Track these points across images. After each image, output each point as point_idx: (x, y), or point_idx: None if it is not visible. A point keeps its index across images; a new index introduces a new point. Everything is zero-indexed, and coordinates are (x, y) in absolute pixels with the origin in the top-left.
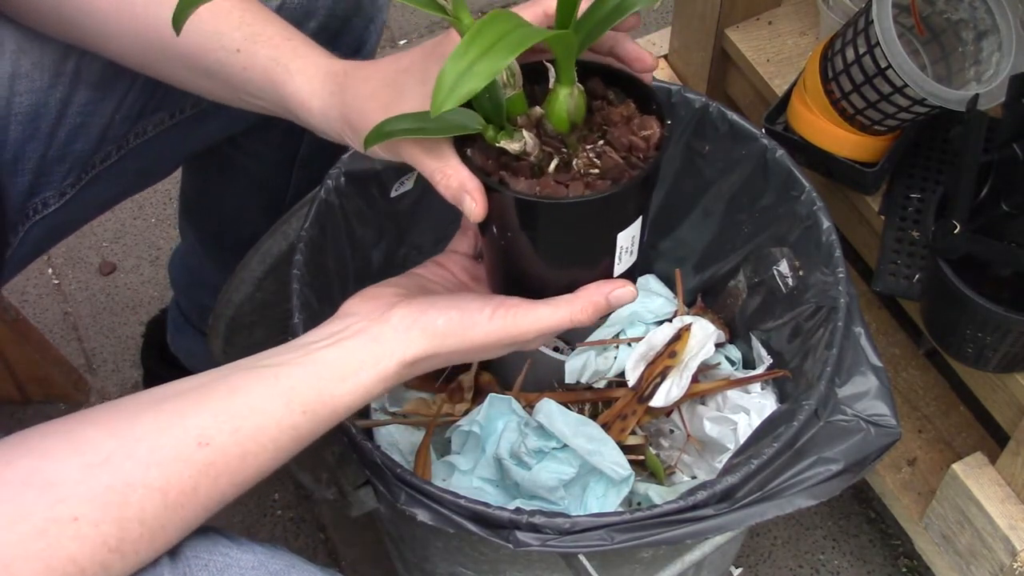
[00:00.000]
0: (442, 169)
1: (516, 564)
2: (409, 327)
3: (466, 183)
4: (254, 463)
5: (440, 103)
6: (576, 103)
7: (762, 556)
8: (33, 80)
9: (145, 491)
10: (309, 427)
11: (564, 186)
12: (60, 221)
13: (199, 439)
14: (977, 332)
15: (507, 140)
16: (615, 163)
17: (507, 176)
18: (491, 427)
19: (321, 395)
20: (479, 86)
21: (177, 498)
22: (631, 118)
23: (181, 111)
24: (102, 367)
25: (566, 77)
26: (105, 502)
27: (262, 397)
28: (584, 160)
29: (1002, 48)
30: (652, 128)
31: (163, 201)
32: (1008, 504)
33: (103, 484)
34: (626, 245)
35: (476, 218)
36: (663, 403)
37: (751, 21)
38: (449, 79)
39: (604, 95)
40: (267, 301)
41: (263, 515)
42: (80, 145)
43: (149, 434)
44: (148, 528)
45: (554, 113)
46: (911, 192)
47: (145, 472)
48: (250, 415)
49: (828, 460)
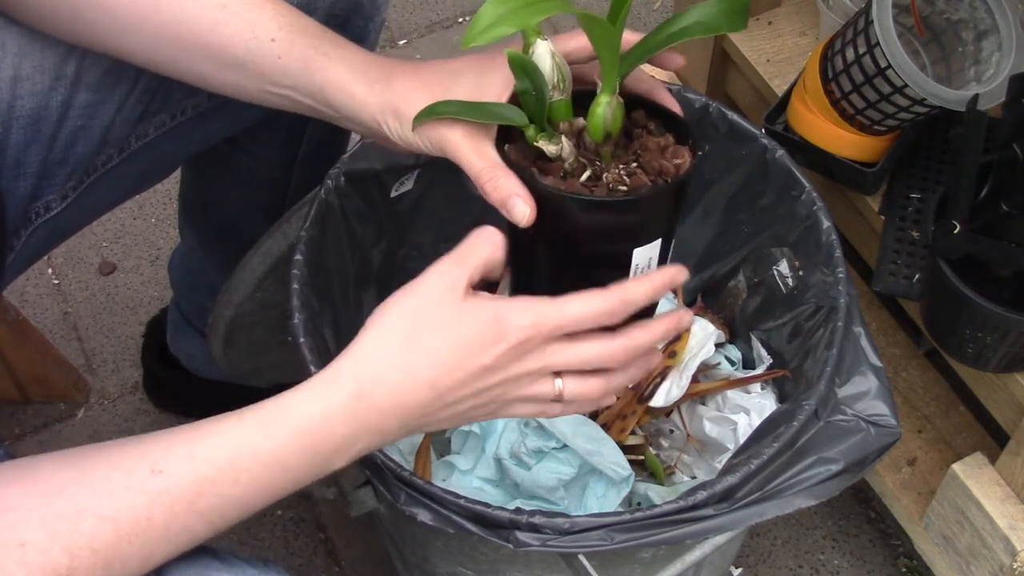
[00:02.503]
0: (491, 171)
1: (516, 564)
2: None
3: (517, 188)
4: (212, 490)
5: (472, 38)
6: (614, 113)
7: (762, 556)
8: (35, 83)
9: (96, 520)
10: (270, 448)
11: (589, 190)
12: (62, 224)
13: (152, 467)
14: (977, 332)
15: (545, 141)
16: (643, 184)
17: (537, 173)
18: (491, 427)
19: (276, 408)
20: (511, 30)
21: (131, 527)
22: (666, 147)
23: (182, 112)
24: (102, 367)
25: (608, 84)
26: (54, 530)
27: (218, 423)
28: (614, 176)
29: (1002, 48)
30: (683, 157)
31: (163, 201)
32: (1008, 504)
33: (54, 512)
34: (641, 264)
35: (526, 222)
36: (663, 403)
37: (751, 21)
38: (486, 19)
39: (645, 124)
40: (267, 301)
41: (263, 515)
42: (81, 148)
43: (105, 467)
44: (101, 557)
45: (592, 119)
46: (911, 192)
47: (97, 501)
48: (204, 438)
49: (828, 460)
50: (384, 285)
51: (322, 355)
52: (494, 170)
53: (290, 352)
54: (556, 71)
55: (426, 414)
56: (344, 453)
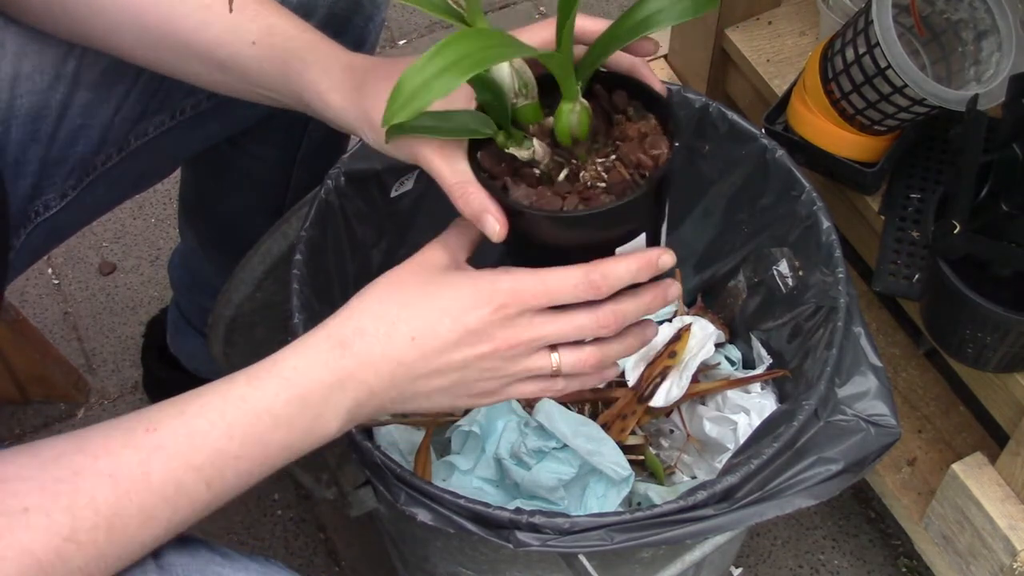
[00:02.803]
0: (463, 187)
1: (516, 564)
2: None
3: (488, 204)
4: (205, 442)
5: (391, 115)
6: (579, 119)
7: (762, 556)
8: (34, 82)
9: (95, 478)
10: (259, 399)
11: (561, 198)
12: (62, 223)
13: (147, 427)
14: (977, 332)
15: (516, 147)
16: (622, 179)
17: (510, 182)
18: (491, 427)
19: (264, 363)
20: (430, 101)
21: (129, 484)
22: (646, 135)
23: (182, 112)
24: (102, 367)
25: (567, 93)
26: (55, 492)
27: (209, 385)
28: (592, 173)
29: (1002, 48)
30: (661, 148)
31: (163, 201)
32: (1008, 504)
33: (52, 476)
34: None
35: (497, 239)
36: (663, 403)
37: (751, 21)
38: (405, 92)
39: (624, 109)
40: (267, 301)
41: (263, 515)
42: (81, 147)
43: (102, 432)
44: (103, 516)
45: (558, 126)
46: (911, 192)
47: (94, 462)
48: (194, 397)
49: (828, 460)
50: None
51: None
52: (465, 186)
53: None
54: (515, 78)
55: (414, 374)
56: (334, 406)
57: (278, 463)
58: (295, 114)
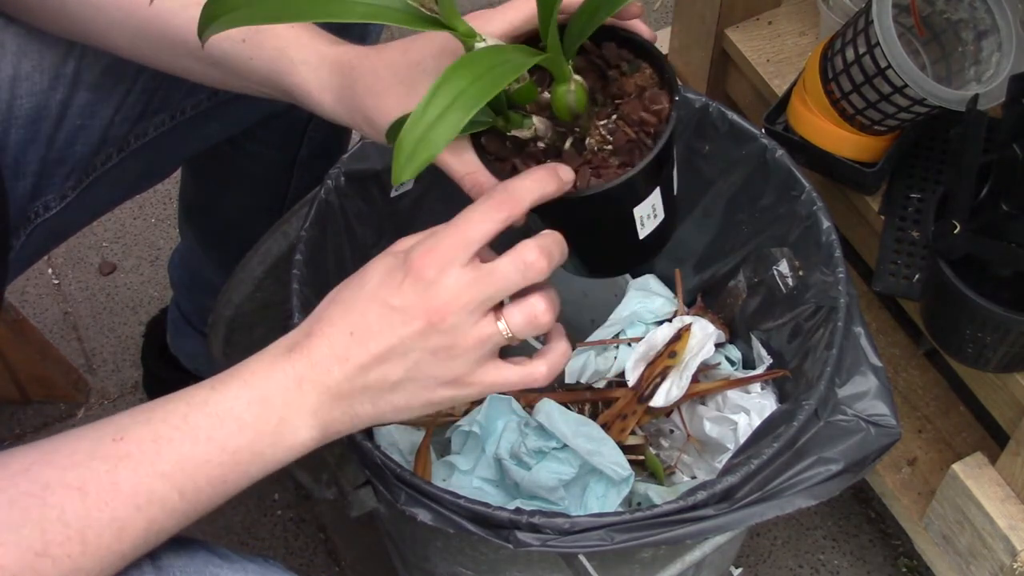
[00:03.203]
0: (473, 177)
1: (516, 564)
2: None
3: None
4: (171, 448)
5: (398, 174)
6: (576, 96)
7: (762, 556)
8: (34, 83)
9: (63, 491)
10: (222, 403)
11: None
12: (62, 223)
13: (114, 435)
14: (977, 332)
15: (518, 129)
16: (627, 138)
17: (519, 163)
18: (491, 427)
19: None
20: (437, 151)
21: (97, 496)
22: (644, 88)
23: (182, 112)
24: (102, 367)
25: (560, 76)
26: (24, 506)
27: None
28: (597, 138)
29: (1002, 48)
30: (662, 103)
31: (163, 201)
32: (1008, 504)
33: (22, 490)
34: (646, 213)
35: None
36: (663, 403)
37: (751, 21)
38: (406, 148)
39: (617, 63)
40: (267, 301)
41: (263, 515)
42: (80, 147)
43: (70, 443)
44: (74, 530)
45: (556, 107)
46: (911, 192)
47: (62, 474)
48: (161, 404)
49: (828, 460)
50: None
51: None
52: (475, 176)
53: None
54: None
55: (362, 368)
56: (297, 409)
57: (253, 471)
58: (295, 115)
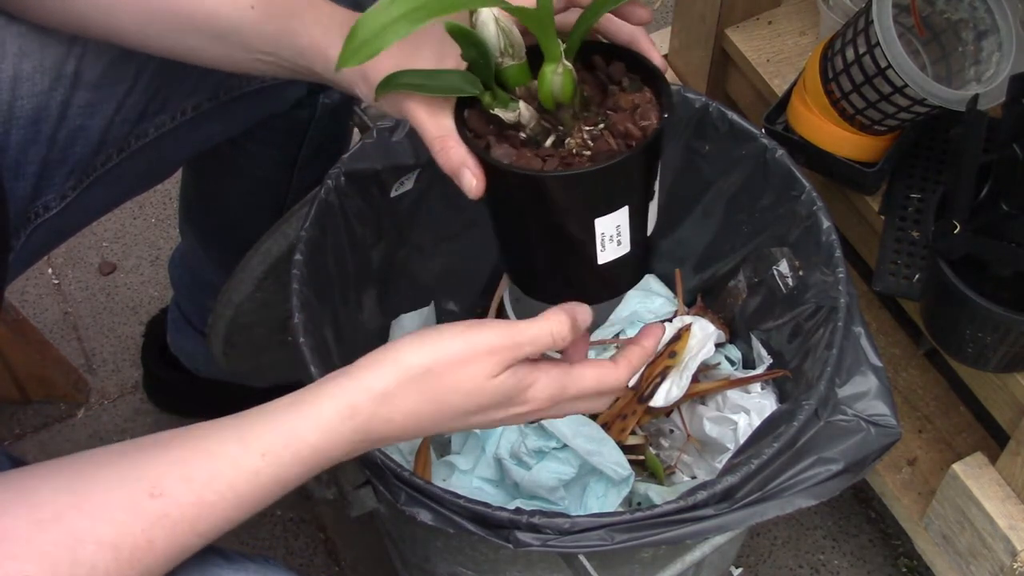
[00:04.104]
0: (443, 140)
1: (516, 564)
2: (375, 354)
3: (466, 159)
4: (212, 512)
5: (344, 60)
6: (562, 81)
7: (762, 556)
8: (35, 83)
9: (96, 547)
10: (271, 472)
11: (542, 160)
12: (62, 224)
13: (151, 490)
14: (977, 332)
15: (502, 109)
16: (608, 148)
17: (493, 141)
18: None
19: (281, 435)
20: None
21: (131, 553)
22: (638, 106)
23: (182, 113)
24: (102, 367)
25: (548, 54)
26: (54, 560)
27: (219, 442)
28: (579, 140)
29: (1002, 48)
30: (650, 120)
31: (163, 201)
32: (1008, 504)
33: (52, 541)
34: (609, 233)
35: (474, 194)
36: (663, 403)
37: (751, 21)
38: (359, 38)
39: (619, 80)
40: (267, 301)
41: (263, 515)
42: (80, 147)
43: (103, 489)
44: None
45: (541, 89)
46: (911, 192)
47: (94, 527)
48: (205, 462)
49: (828, 460)
50: (384, 285)
51: (322, 355)
52: (445, 139)
53: (290, 352)
54: (502, 37)
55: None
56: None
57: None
58: (296, 115)
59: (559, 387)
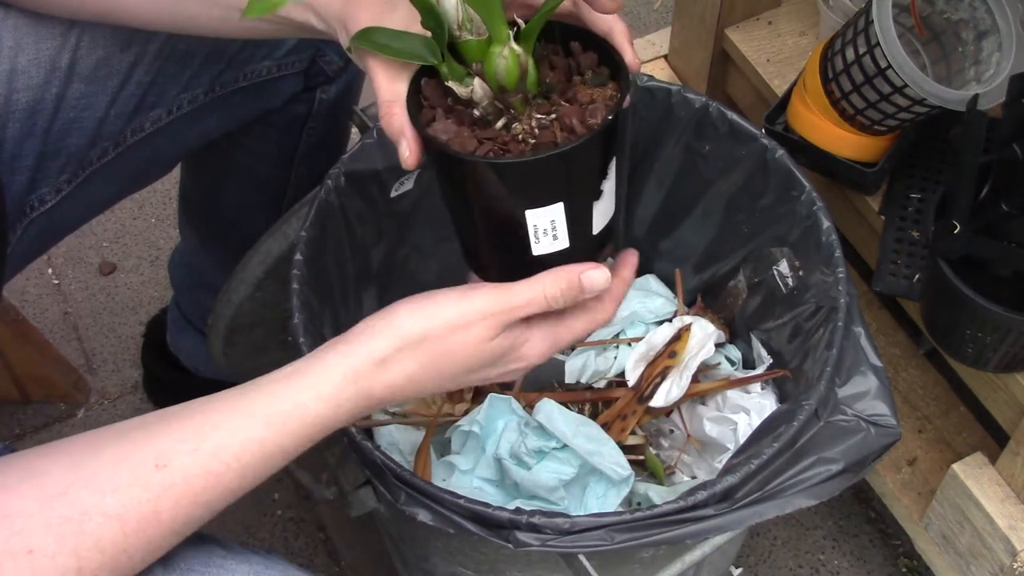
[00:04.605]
0: (389, 105)
1: (516, 564)
2: (373, 322)
3: (405, 128)
4: (218, 482)
5: (249, 9)
6: (507, 65)
7: (762, 556)
8: (30, 76)
9: (102, 519)
10: (277, 441)
11: (478, 141)
12: (58, 218)
13: (156, 461)
14: (977, 332)
15: (456, 83)
16: (551, 140)
17: (440, 113)
18: (491, 427)
19: (284, 404)
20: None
21: (137, 523)
22: (593, 102)
23: (178, 108)
24: (102, 367)
25: (495, 35)
26: (61, 533)
27: (223, 413)
28: (526, 127)
29: (1002, 48)
30: (598, 117)
31: (163, 201)
32: (1008, 504)
33: (59, 515)
34: (542, 226)
35: (406, 165)
36: (663, 403)
37: (751, 21)
38: None
39: (585, 72)
40: (267, 301)
41: (263, 515)
42: (75, 140)
43: (108, 463)
44: (108, 555)
45: (486, 69)
46: (911, 192)
47: (101, 500)
48: (210, 432)
49: (828, 460)
50: (384, 285)
51: None
52: (391, 105)
53: (290, 352)
54: (461, 9)
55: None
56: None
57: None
58: (293, 110)
59: (553, 340)
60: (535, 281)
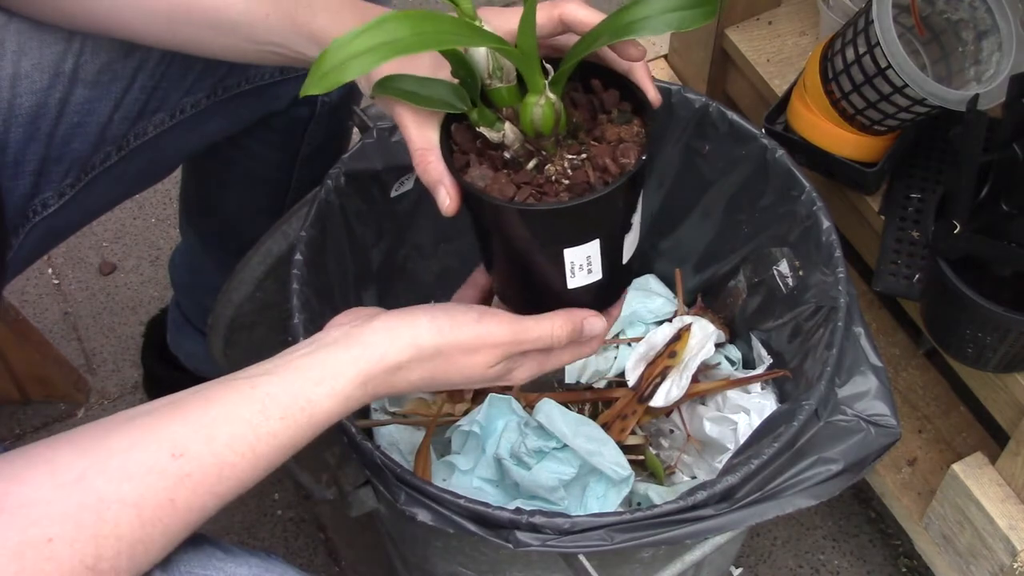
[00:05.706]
0: (424, 154)
1: (516, 564)
2: (393, 327)
3: (443, 176)
4: (232, 473)
5: (307, 87)
6: (543, 113)
7: (762, 556)
8: (33, 81)
9: (119, 506)
10: (289, 435)
11: (516, 187)
12: (60, 222)
13: (172, 450)
14: (977, 332)
15: (487, 128)
16: (584, 180)
17: (475, 159)
18: (491, 427)
19: (298, 400)
20: (343, 81)
21: (154, 512)
22: (622, 141)
23: (181, 111)
24: (102, 367)
25: (532, 86)
26: (79, 521)
27: (237, 404)
28: (559, 168)
29: (1002, 48)
30: (630, 158)
31: (163, 201)
32: (1008, 504)
33: (76, 502)
34: (579, 262)
35: (447, 212)
36: (663, 403)
37: (751, 21)
38: (325, 66)
39: (610, 110)
40: (267, 301)
41: (263, 515)
42: (78, 144)
43: (122, 450)
44: (126, 543)
45: (522, 118)
46: (911, 192)
47: (118, 487)
48: (225, 423)
49: (828, 460)
50: (384, 285)
51: None
52: (426, 153)
53: None
54: (491, 59)
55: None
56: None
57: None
58: (295, 113)
59: (540, 367)
60: (544, 320)
